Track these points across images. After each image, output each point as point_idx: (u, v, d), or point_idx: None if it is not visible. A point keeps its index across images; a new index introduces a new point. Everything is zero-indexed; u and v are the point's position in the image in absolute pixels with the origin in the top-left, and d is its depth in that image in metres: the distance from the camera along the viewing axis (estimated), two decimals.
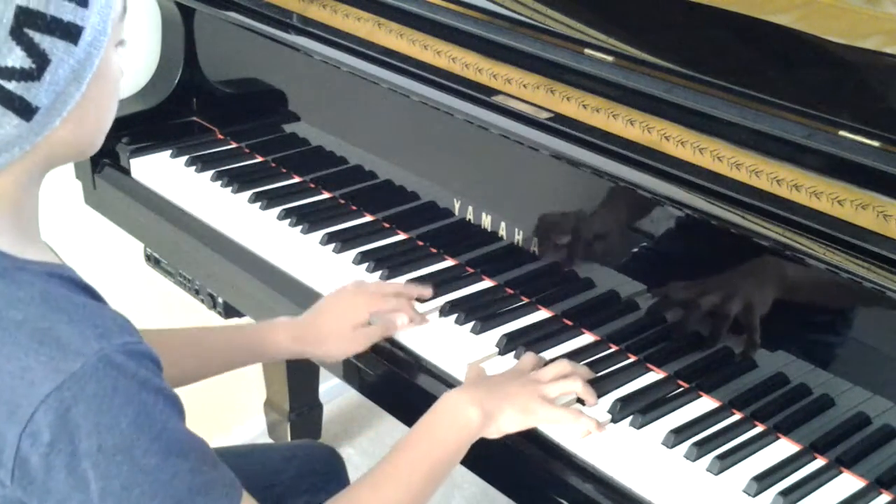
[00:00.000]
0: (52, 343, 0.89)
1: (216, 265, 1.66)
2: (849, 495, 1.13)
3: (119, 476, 0.89)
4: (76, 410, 0.87)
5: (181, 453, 0.92)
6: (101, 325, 0.91)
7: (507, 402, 1.19)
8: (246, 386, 2.34)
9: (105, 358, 0.89)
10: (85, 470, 0.88)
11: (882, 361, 1.16)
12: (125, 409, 0.89)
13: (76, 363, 0.88)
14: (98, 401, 0.88)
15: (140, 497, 0.90)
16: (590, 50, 1.43)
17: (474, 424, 1.16)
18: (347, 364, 1.47)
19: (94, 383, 0.88)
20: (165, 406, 0.92)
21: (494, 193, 1.48)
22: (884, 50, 1.30)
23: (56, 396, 0.87)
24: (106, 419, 0.88)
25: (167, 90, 1.94)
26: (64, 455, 0.88)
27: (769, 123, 1.25)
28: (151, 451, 0.90)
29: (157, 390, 0.92)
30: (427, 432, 1.16)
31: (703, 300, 1.29)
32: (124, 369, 0.90)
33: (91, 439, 0.88)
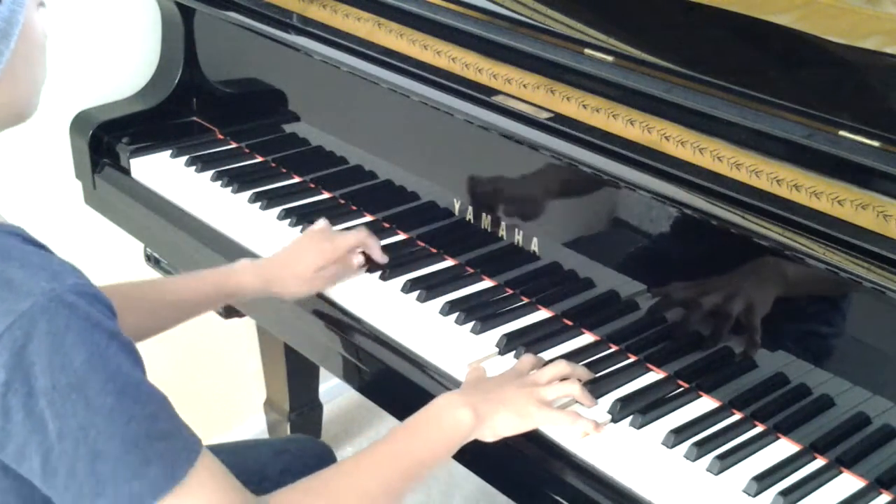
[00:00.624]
0: (4, 286, 0.90)
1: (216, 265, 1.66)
2: (849, 495, 1.13)
3: (75, 416, 0.89)
4: (30, 349, 0.88)
5: (138, 399, 0.92)
6: (50, 269, 0.93)
7: (502, 406, 1.19)
8: (246, 386, 2.34)
9: (56, 297, 0.90)
10: (41, 410, 0.89)
11: (882, 361, 1.16)
12: (78, 347, 0.90)
13: (26, 302, 0.89)
14: (50, 338, 0.89)
15: (97, 437, 0.90)
16: (590, 50, 1.43)
17: (464, 426, 1.16)
18: (347, 364, 1.47)
19: (46, 322, 0.89)
20: (120, 351, 0.93)
21: (494, 193, 1.48)
22: (884, 50, 1.30)
23: (8, 336, 0.88)
24: (59, 357, 0.89)
25: (167, 90, 1.94)
26: (20, 395, 0.89)
27: (769, 123, 1.25)
28: (106, 391, 0.90)
29: (110, 333, 0.92)
30: (414, 429, 1.16)
31: (703, 300, 1.29)
32: (75, 308, 0.90)
33: (45, 377, 0.89)
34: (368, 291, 1.47)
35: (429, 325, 1.40)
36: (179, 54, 1.93)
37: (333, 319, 1.47)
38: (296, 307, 1.50)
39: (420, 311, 1.42)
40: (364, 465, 1.11)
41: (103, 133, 1.88)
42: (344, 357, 1.48)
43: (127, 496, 0.91)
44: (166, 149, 1.85)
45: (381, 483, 1.10)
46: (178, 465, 0.93)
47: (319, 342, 1.52)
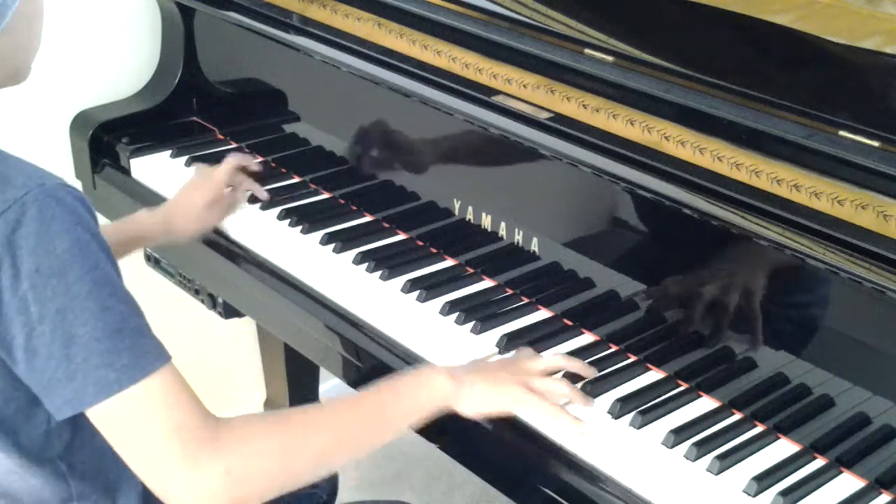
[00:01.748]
0: (1, 180, 0.98)
1: (216, 265, 1.66)
2: (849, 495, 1.13)
3: (54, 299, 0.96)
4: (19, 233, 0.96)
5: (114, 294, 0.99)
6: (43, 172, 1.01)
7: (482, 379, 1.19)
8: (246, 386, 2.34)
9: (47, 190, 0.98)
10: (25, 291, 0.96)
11: (882, 361, 1.16)
12: (62, 235, 0.97)
13: (20, 192, 0.97)
14: (37, 224, 0.96)
15: (73, 322, 0.96)
16: (590, 50, 1.43)
17: (441, 390, 1.17)
18: (347, 364, 1.47)
19: (35, 209, 0.96)
20: (100, 250, 1.00)
21: (494, 193, 1.48)
22: (884, 50, 1.30)
23: (2, 219, 0.96)
24: (44, 241, 0.96)
25: (167, 90, 1.94)
26: (8, 276, 0.96)
27: (769, 123, 1.25)
28: (84, 280, 0.97)
29: (93, 234, 1.00)
30: (387, 386, 1.17)
31: (703, 300, 1.29)
32: (63, 202, 0.98)
33: (30, 260, 0.96)
34: (368, 291, 1.47)
35: (429, 325, 1.40)
36: (179, 54, 1.93)
37: (333, 319, 1.47)
38: (296, 307, 1.50)
39: (420, 311, 1.42)
40: (331, 410, 1.13)
41: (103, 133, 1.88)
42: (344, 357, 1.48)
43: (95, 381, 0.96)
44: (166, 149, 1.85)
45: (346, 428, 1.11)
46: (147, 361, 0.99)
47: (319, 342, 1.52)
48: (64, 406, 0.98)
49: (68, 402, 0.98)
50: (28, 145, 1.86)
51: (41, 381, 0.98)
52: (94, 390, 0.97)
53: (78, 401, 0.98)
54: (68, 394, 0.97)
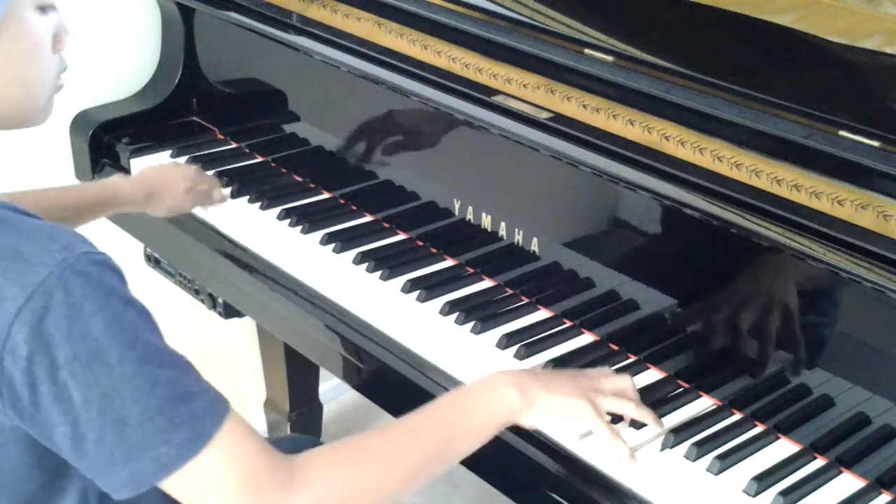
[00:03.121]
0: (16, 258, 0.90)
1: (216, 265, 1.66)
2: (849, 495, 1.13)
3: (98, 384, 0.90)
4: (48, 320, 0.89)
5: (160, 363, 0.93)
6: (60, 239, 0.93)
7: (550, 394, 1.14)
8: (246, 386, 2.34)
9: (70, 267, 0.90)
10: (65, 380, 0.90)
11: (882, 361, 1.16)
12: (95, 315, 0.90)
13: (41, 274, 0.89)
14: (67, 309, 0.89)
15: (122, 405, 0.90)
16: (590, 50, 1.43)
17: (509, 405, 1.12)
18: (347, 364, 1.47)
19: (62, 292, 0.89)
20: (137, 317, 0.93)
21: (494, 193, 1.48)
22: (884, 50, 1.30)
23: (27, 308, 0.89)
24: (77, 326, 0.89)
25: (167, 90, 1.94)
26: (44, 367, 0.89)
27: (769, 123, 1.25)
28: (127, 358, 0.91)
29: (125, 300, 0.93)
30: (456, 400, 1.12)
31: (703, 300, 1.29)
32: (89, 277, 0.91)
33: (66, 348, 0.89)
34: (369, 291, 1.47)
35: (429, 325, 1.40)
36: (179, 54, 1.93)
37: (333, 319, 1.47)
38: (296, 307, 1.50)
39: (420, 311, 1.42)
40: (402, 431, 1.08)
41: (103, 133, 1.88)
42: (344, 357, 1.48)
43: (155, 460, 0.92)
44: (166, 149, 1.85)
45: (418, 451, 1.06)
46: (205, 427, 0.94)
47: (319, 342, 1.52)
48: (122, 489, 0.93)
49: (128, 484, 0.93)
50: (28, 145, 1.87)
51: (95, 466, 0.93)
52: (154, 469, 0.92)
53: (139, 482, 0.93)
54: (127, 476, 0.92)
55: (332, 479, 1.00)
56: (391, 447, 1.06)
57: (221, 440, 0.94)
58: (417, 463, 1.06)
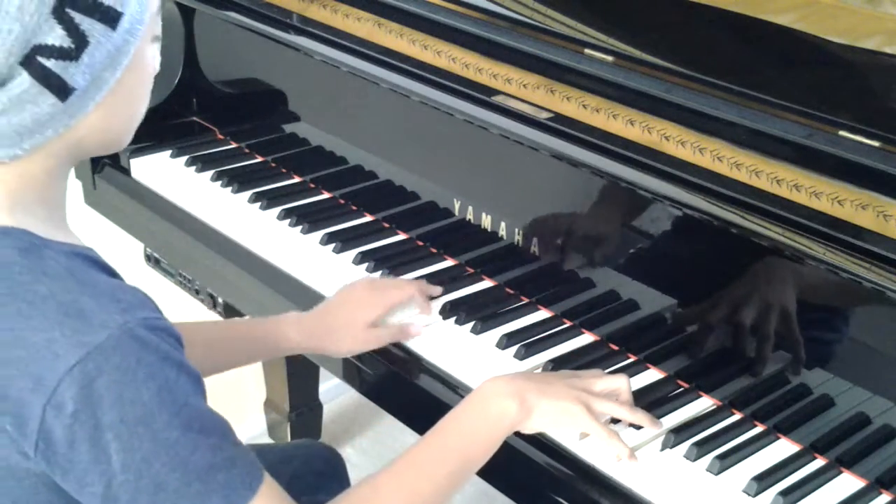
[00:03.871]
0: (77, 316, 0.90)
1: (216, 265, 1.66)
2: (849, 495, 1.13)
3: (140, 449, 0.90)
4: (100, 382, 0.88)
5: (202, 430, 0.93)
6: (123, 300, 0.93)
7: (547, 399, 1.14)
8: (246, 386, 2.34)
9: (129, 331, 0.90)
10: (107, 442, 0.89)
11: (882, 361, 1.16)
12: (148, 382, 0.90)
13: (100, 335, 0.89)
14: (121, 373, 0.89)
15: (160, 470, 0.90)
16: (590, 50, 1.43)
17: (510, 417, 1.12)
18: (347, 364, 1.47)
19: (118, 356, 0.89)
20: (188, 382, 0.93)
21: (494, 193, 1.48)
22: (884, 50, 1.30)
23: (80, 368, 0.88)
24: (129, 391, 0.89)
25: (167, 90, 1.94)
26: (87, 427, 0.88)
27: (769, 123, 1.25)
28: (173, 425, 0.91)
29: (179, 366, 0.93)
30: (457, 423, 1.12)
31: (703, 300, 1.29)
32: (147, 343, 0.91)
33: (114, 411, 0.89)
34: None
35: (429, 325, 1.40)
36: (179, 54, 1.93)
37: None
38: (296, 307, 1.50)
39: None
40: (412, 466, 1.09)
41: None
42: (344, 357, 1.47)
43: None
44: (166, 149, 1.85)
45: (431, 483, 1.08)
46: (239, 494, 0.93)
47: None
48: None
49: None
50: None
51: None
52: None
53: None
54: None
55: None
56: (404, 487, 1.07)
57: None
58: (432, 494, 1.08)
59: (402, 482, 1.07)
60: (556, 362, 1.31)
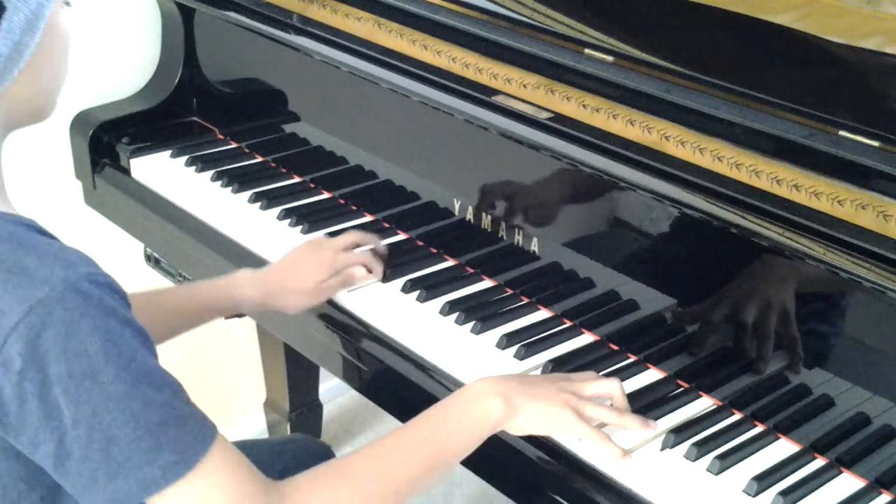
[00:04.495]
0: (20, 273, 0.91)
1: (216, 265, 1.66)
2: (849, 495, 1.13)
3: (89, 402, 0.90)
4: (45, 336, 0.89)
5: (152, 385, 0.93)
6: (65, 259, 0.94)
7: (534, 401, 1.14)
8: (246, 386, 2.34)
9: (71, 285, 0.91)
10: (56, 396, 0.90)
11: (882, 361, 1.16)
12: (93, 334, 0.90)
13: (42, 290, 0.90)
14: (65, 326, 0.90)
15: (111, 424, 0.91)
16: (590, 50, 1.43)
17: (495, 416, 1.12)
18: (347, 364, 1.47)
19: (61, 309, 0.90)
20: (134, 338, 0.94)
21: (494, 193, 1.48)
22: (884, 50, 1.30)
23: (25, 323, 0.89)
24: (73, 344, 0.90)
25: (167, 90, 1.95)
26: (35, 383, 0.90)
27: (769, 123, 1.25)
28: (120, 378, 0.91)
29: (124, 321, 0.93)
30: (441, 415, 1.13)
31: (703, 300, 1.29)
32: (90, 296, 0.91)
33: (60, 364, 0.89)
34: (369, 292, 1.47)
35: (429, 325, 1.40)
36: (179, 54, 1.93)
37: (334, 320, 1.47)
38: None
39: (420, 311, 1.42)
40: (387, 450, 1.09)
41: (103, 133, 1.88)
42: (344, 357, 1.48)
43: (140, 481, 0.92)
44: (166, 149, 1.85)
45: (404, 469, 1.08)
46: (192, 450, 0.94)
47: (319, 342, 1.52)
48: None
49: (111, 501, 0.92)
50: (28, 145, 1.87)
51: (77, 484, 0.93)
52: (137, 489, 0.92)
53: (122, 500, 0.92)
54: (108, 494, 0.92)
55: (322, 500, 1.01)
56: (379, 468, 1.07)
57: (208, 464, 0.94)
58: (404, 482, 1.08)
59: (376, 464, 1.07)
60: (556, 362, 1.31)
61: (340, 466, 1.07)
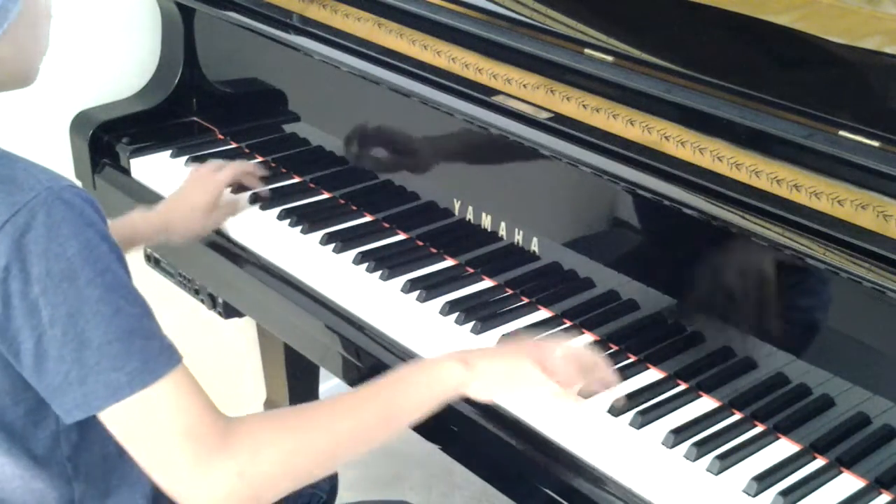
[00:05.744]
0: (9, 182, 0.98)
1: (216, 265, 1.66)
2: (849, 495, 1.13)
3: (65, 303, 0.96)
4: (28, 237, 0.95)
5: (125, 296, 0.99)
6: (51, 173, 1.01)
7: (496, 359, 1.17)
8: (246, 386, 2.34)
9: (54, 193, 0.97)
10: (36, 296, 0.96)
11: (882, 361, 1.16)
12: (71, 239, 0.96)
13: (28, 195, 0.96)
14: (47, 228, 0.96)
15: (84, 326, 0.96)
16: (590, 50, 1.43)
17: (454, 377, 1.13)
18: (347, 364, 1.47)
19: (44, 213, 0.96)
20: (110, 252, 0.99)
21: (494, 193, 1.48)
22: (884, 50, 1.30)
23: (10, 225, 0.95)
24: (54, 246, 0.96)
25: (167, 90, 1.95)
26: (18, 281, 0.95)
27: (769, 123, 1.25)
28: (95, 283, 0.96)
29: (102, 234, 0.99)
30: (400, 376, 1.15)
31: (703, 300, 1.29)
32: (72, 205, 0.98)
33: (40, 264, 0.95)
34: (369, 291, 1.47)
35: (429, 325, 1.40)
36: (179, 54, 1.93)
37: (334, 319, 1.47)
38: (296, 307, 1.50)
39: (420, 311, 1.42)
40: (341, 405, 1.11)
41: (103, 133, 1.88)
42: (344, 357, 1.48)
43: (106, 385, 0.96)
44: (166, 149, 1.85)
45: (356, 424, 1.09)
46: (158, 364, 0.98)
47: (319, 342, 1.52)
48: (74, 409, 0.98)
49: (78, 406, 0.97)
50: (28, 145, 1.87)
51: (51, 385, 0.98)
52: (104, 393, 0.96)
53: (88, 404, 0.97)
54: (79, 397, 0.97)
55: (270, 442, 1.03)
56: (331, 417, 1.08)
57: (171, 381, 0.99)
58: (355, 434, 1.09)
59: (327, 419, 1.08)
60: None
61: (294, 415, 1.10)
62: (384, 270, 1.49)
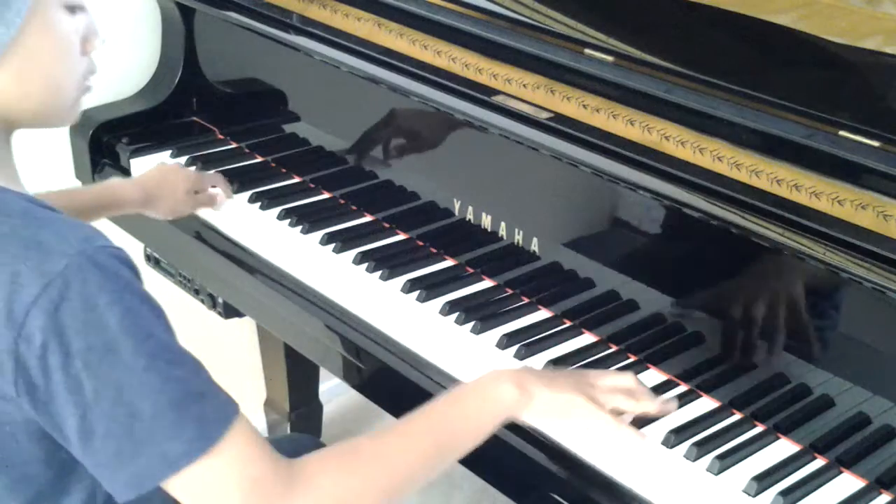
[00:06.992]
0: (37, 247, 0.91)
1: (216, 265, 1.66)
2: (849, 495, 1.13)
3: (110, 376, 0.90)
4: (64, 309, 0.89)
5: (171, 361, 0.93)
6: (81, 232, 0.95)
7: (549, 389, 1.14)
8: (246, 386, 2.34)
9: (88, 258, 0.91)
10: (78, 370, 0.90)
11: (882, 361, 1.16)
12: (111, 307, 0.91)
13: (60, 264, 0.90)
14: (83, 299, 0.90)
15: (133, 398, 0.90)
16: (590, 50, 1.43)
17: (508, 401, 1.11)
18: (347, 364, 1.47)
19: (79, 282, 0.90)
20: (151, 313, 0.94)
21: (494, 193, 1.48)
22: (884, 50, 1.30)
23: (45, 297, 0.89)
24: (93, 317, 0.90)
25: (167, 90, 1.94)
26: (58, 356, 0.90)
27: (769, 123, 1.25)
28: (140, 351, 0.91)
29: (141, 296, 0.94)
30: (453, 400, 1.12)
31: (703, 300, 1.29)
32: (106, 269, 0.92)
33: (80, 338, 0.90)
34: (369, 291, 1.47)
35: (429, 325, 1.40)
36: (179, 54, 1.93)
37: (333, 319, 1.47)
38: (296, 307, 1.50)
39: (420, 311, 1.42)
40: (398, 439, 1.08)
41: (103, 133, 1.88)
42: (344, 357, 1.48)
43: (162, 457, 0.91)
44: (166, 149, 1.85)
45: (415, 458, 1.06)
46: (213, 427, 0.93)
47: (319, 342, 1.52)
48: (127, 486, 0.93)
49: (132, 481, 0.92)
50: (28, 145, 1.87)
51: (100, 462, 0.93)
52: (161, 466, 0.92)
53: (143, 479, 0.92)
54: (131, 473, 0.92)
55: (332, 482, 1.00)
56: (390, 451, 1.06)
57: (230, 441, 0.94)
58: (415, 466, 1.06)
59: (386, 451, 1.05)
60: (556, 362, 1.31)
61: (353, 449, 1.05)
62: (384, 270, 1.49)
